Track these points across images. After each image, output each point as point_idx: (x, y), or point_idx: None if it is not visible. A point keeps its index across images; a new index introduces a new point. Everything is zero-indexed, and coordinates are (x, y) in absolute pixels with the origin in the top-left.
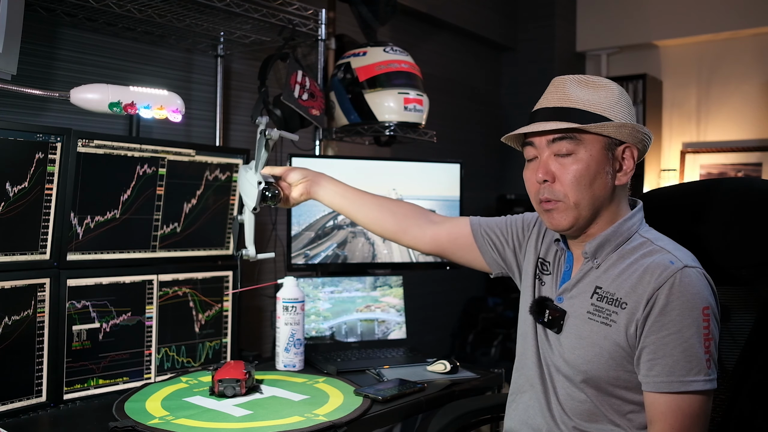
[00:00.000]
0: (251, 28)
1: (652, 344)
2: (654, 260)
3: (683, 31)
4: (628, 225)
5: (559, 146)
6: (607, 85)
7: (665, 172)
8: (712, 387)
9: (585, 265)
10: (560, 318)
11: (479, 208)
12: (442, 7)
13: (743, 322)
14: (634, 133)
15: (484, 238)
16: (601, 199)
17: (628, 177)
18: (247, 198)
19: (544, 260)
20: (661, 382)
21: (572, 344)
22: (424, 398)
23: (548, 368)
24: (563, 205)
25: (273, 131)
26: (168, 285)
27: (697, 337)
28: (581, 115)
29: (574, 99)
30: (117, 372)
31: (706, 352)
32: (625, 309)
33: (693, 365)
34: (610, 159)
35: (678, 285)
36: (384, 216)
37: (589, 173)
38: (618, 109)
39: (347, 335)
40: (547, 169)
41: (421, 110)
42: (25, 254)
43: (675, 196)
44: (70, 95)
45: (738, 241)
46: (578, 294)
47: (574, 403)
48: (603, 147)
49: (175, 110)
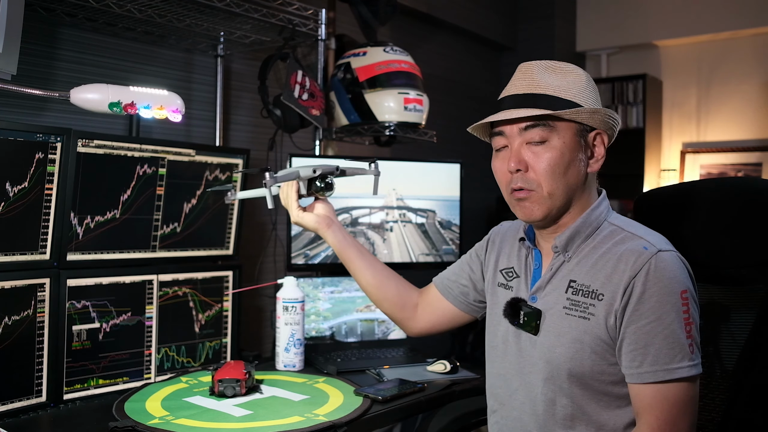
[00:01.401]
0: (251, 28)
1: (633, 334)
2: (627, 247)
3: (683, 31)
4: (596, 214)
5: (531, 134)
6: (573, 71)
7: (665, 172)
8: (697, 372)
9: (555, 259)
10: (536, 317)
11: (479, 208)
12: (442, 7)
13: (743, 322)
14: (606, 119)
15: (452, 292)
16: (574, 187)
17: (600, 164)
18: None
19: (506, 268)
20: (645, 373)
21: (552, 342)
22: (424, 398)
23: (524, 378)
24: (536, 195)
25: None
26: (168, 285)
27: (678, 322)
28: (552, 102)
29: (544, 85)
30: (117, 372)
31: (689, 337)
32: (602, 300)
33: (676, 352)
34: (583, 146)
35: (654, 271)
36: (388, 285)
37: (563, 161)
38: (587, 95)
39: (347, 335)
40: (519, 158)
41: (421, 110)
42: (25, 254)
43: (675, 195)
44: (70, 95)
45: (738, 241)
46: (552, 290)
47: (555, 409)
48: (575, 134)
49: (175, 110)
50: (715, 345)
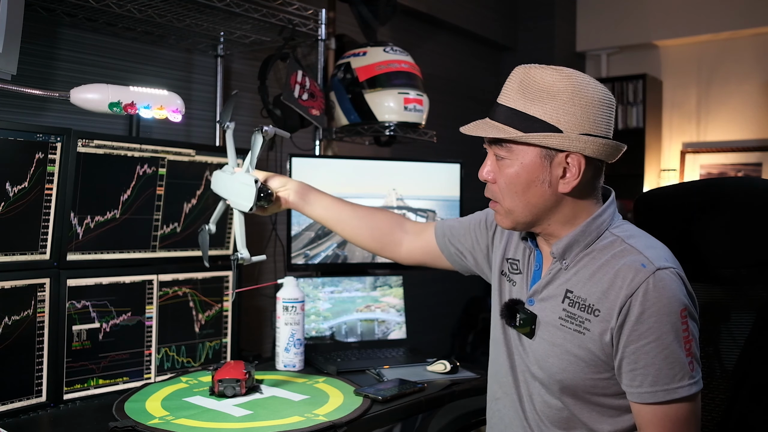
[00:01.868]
0: (251, 28)
1: (632, 354)
2: (625, 263)
3: (683, 31)
4: (597, 223)
5: (495, 149)
6: (560, 82)
7: (665, 172)
8: (698, 389)
9: (554, 265)
10: (531, 322)
11: (479, 209)
12: (442, 7)
13: (743, 322)
14: (580, 142)
15: (449, 248)
16: (539, 207)
17: (572, 185)
18: (239, 198)
19: (513, 259)
20: (645, 393)
21: (546, 351)
22: (424, 398)
23: (523, 374)
24: (500, 208)
25: (269, 128)
26: (168, 285)
27: (677, 342)
28: (517, 119)
29: (522, 101)
30: (117, 372)
31: (688, 355)
32: (598, 317)
33: (676, 371)
34: (547, 167)
35: (652, 291)
36: (362, 230)
37: (520, 181)
38: (567, 112)
39: (347, 335)
40: (487, 168)
41: (421, 110)
42: (25, 254)
43: (674, 195)
44: (70, 95)
45: (738, 241)
46: (549, 297)
47: (551, 411)
48: (537, 156)
49: (175, 110)
50: (715, 345)
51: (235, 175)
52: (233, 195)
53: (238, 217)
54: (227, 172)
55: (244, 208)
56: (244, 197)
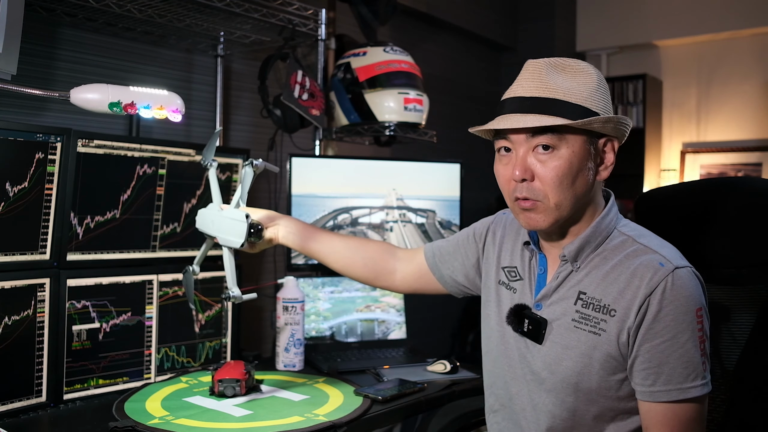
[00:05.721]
0: (251, 28)
1: (647, 352)
2: (641, 262)
3: (683, 31)
4: (606, 222)
5: (539, 140)
6: (584, 70)
7: (665, 172)
8: (708, 390)
9: (562, 268)
10: (541, 327)
11: (479, 209)
12: (442, 7)
13: (743, 322)
14: (618, 126)
15: (440, 268)
16: (582, 197)
17: (609, 171)
18: (228, 235)
19: (509, 267)
20: (658, 392)
21: (558, 355)
22: (424, 398)
23: (527, 383)
24: (542, 206)
25: (259, 162)
26: (168, 285)
27: (693, 341)
28: (562, 108)
29: (553, 87)
30: (117, 372)
31: (702, 354)
32: (614, 317)
33: (690, 371)
34: (592, 153)
35: (670, 289)
36: (354, 261)
37: (572, 171)
38: (598, 98)
39: (347, 335)
40: (525, 166)
41: (421, 110)
42: (25, 254)
43: (674, 195)
44: (70, 95)
45: (738, 241)
46: (559, 300)
47: (554, 421)
48: (585, 141)
49: (175, 110)
50: (715, 345)
51: (223, 211)
52: (222, 232)
53: (228, 255)
54: (212, 209)
55: (235, 244)
56: (234, 233)
